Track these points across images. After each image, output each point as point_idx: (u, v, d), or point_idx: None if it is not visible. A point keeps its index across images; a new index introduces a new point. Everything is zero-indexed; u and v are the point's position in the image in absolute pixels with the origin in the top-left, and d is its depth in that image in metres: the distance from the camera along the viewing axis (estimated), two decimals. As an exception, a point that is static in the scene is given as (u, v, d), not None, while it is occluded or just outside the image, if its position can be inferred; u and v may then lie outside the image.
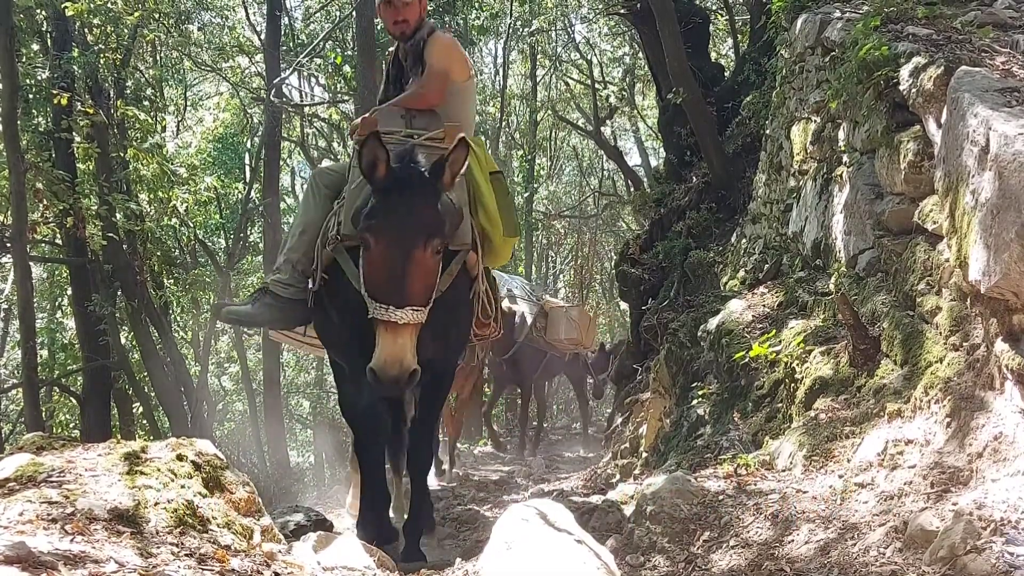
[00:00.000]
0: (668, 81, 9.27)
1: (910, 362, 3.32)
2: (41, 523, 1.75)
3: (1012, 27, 4.01)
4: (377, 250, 2.97)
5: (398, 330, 2.88)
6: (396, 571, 2.76)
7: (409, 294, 2.93)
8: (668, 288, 8.70)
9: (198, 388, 12.85)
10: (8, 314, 14.02)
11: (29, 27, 10.23)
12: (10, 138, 8.15)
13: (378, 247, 2.97)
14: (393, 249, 2.94)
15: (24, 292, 8.57)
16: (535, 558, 2.17)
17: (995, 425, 2.52)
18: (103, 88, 10.89)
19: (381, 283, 2.95)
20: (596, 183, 23.86)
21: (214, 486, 2.28)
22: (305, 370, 20.04)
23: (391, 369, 2.85)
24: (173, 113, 16.16)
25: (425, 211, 3.02)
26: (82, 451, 2.24)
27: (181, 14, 13.14)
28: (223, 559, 1.91)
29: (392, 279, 2.93)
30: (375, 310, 2.91)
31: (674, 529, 2.93)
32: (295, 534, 3.45)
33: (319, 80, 16.41)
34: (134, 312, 11.33)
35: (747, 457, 3.62)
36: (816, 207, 5.15)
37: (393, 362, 2.85)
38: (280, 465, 11.95)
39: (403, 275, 2.93)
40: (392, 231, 2.96)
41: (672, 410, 6.30)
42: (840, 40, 4.79)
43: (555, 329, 9.79)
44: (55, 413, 13.71)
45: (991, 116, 2.60)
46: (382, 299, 2.91)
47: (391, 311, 2.88)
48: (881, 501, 2.64)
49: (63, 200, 9.54)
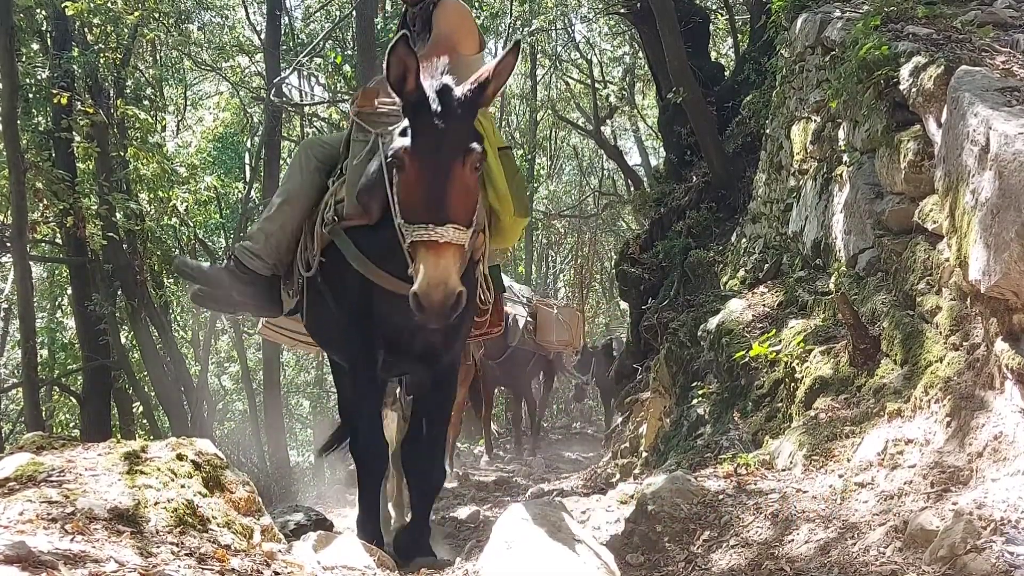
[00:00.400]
0: (668, 80, 9.27)
1: (910, 362, 3.32)
2: (41, 522, 1.75)
3: (1012, 26, 4.00)
4: (413, 167, 2.74)
5: (440, 250, 2.64)
6: (396, 570, 2.76)
7: (450, 210, 2.68)
8: (668, 288, 8.69)
9: (198, 388, 12.86)
10: (8, 313, 14.02)
11: (29, 26, 10.22)
12: (10, 138, 8.14)
13: (414, 164, 2.73)
14: (430, 164, 2.71)
15: (24, 291, 8.57)
16: (535, 558, 2.17)
17: (995, 425, 2.52)
18: (103, 87, 10.89)
19: (419, 201, 2.71)
20: (596, 182, 23.87)
21: (214, 486, 2.28)
22: (305, 369, 20.05)
23: (436, 292, 2.59)
24: (173, 112, 16.17)
25: (462, 125, 2.79)
26: (82, 451, 2.24)
27: (181, 13, 13.15)
28: (223, 558, 1.91)
29: (431, 195, 2.69)
30: (413, 233, 2.67)
31: (674, 528, 2.93)
32: (295, 533, 3.45)
33: (319, 80, 16.42)
34: (134, 311, 11.34)
35: (747, 457, 3.62)
36: (816, 206, 5.15)
37: (437, 284, 2.59)
38: (280, 465, 11.94)
39: (442, 190, 2.69)
40: (428, 145, 2.73)
41: (672, 409, 6.30)
42: (840, 39, 4.79)
43: (546, 330, 9.78)
44: (55, 413, 13.71)
45: (991, 115, 2.60)
46: (421, 218, 2.67)
47: (431, 229, 2.64)
48: (881, 501, 2.64)
49: (63, 199, 9.54)
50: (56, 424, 13.51)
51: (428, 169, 2.71)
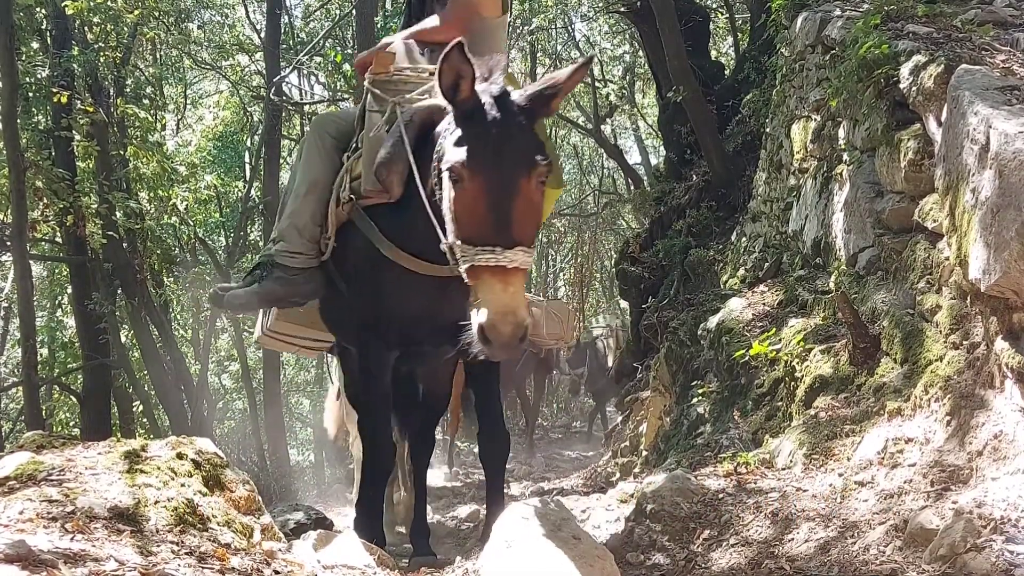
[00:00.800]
0: (668, 79, 9.27)
1: (910, 360, 3.32)
2: (41, 521, 1.75)
3: (1012, 25, 4.00)
4: (475, 184, 2.45)
5: (508, 276, 2.37)
6: (396, 570, 2.76)
7: (517, 231, 2.43)
8: (668, 286, 8.69)
9: (198, 386, 12.86)
10: (8, 312, 14.01)
11: (29, 25, 10.22)
12: (10, 136, 8.14)
13: (476, 180, 2.44)
14: (495, 180, 2.44)
15: (24, 290, 8.58)
16: (535, 557, 2.17)
17: (995, 423, 2.52)
18: (103, 86, 10.88)
19: (483, 221, 2.42)
20: (596, 181, 23.85)
21: (214, 484, 2.28)
22: (305, 369, 20.05)
23: (505, 325, 2.32)
24: (173, 111, 16.16)
25: (526, 135, 2.56)
26: (82, 449, 2.24)
27: (181, 12, 13.15)
28: (223, 557, 1.91)
29: (498, 215, 2.41)
30: (475, 257, 2.40)
31: (674, 527, 2.93)
32: (295, 532, 3.45)
33: (319, 78, 16.42)
34: (134, 310, 11.34)
35: (747, 455, 3.62)
36: (816, 205, 5.15)
37: (507, 315, 2.33)
38: (280, 463, 11.95)
39: (509, 209, 2.43)
40: (492, 159, 2.46)
41: (672, 408, 6.30)
42: (840, 38, 4.78)
43: (538, 325, 9.74)
44: (55, 411, 13.71)
45: (991, 114, 2.60)
46: (486, 240, 2.39)
47: (499, 253, 2.37)
48: (881, 499, 2.64)
49: (63, 198, 9.55)
50: (56, 423, 13.51)
51: (493, 186, 2.44)
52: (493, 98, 2.53)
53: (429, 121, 2.93)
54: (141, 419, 13.22)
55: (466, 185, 2.46)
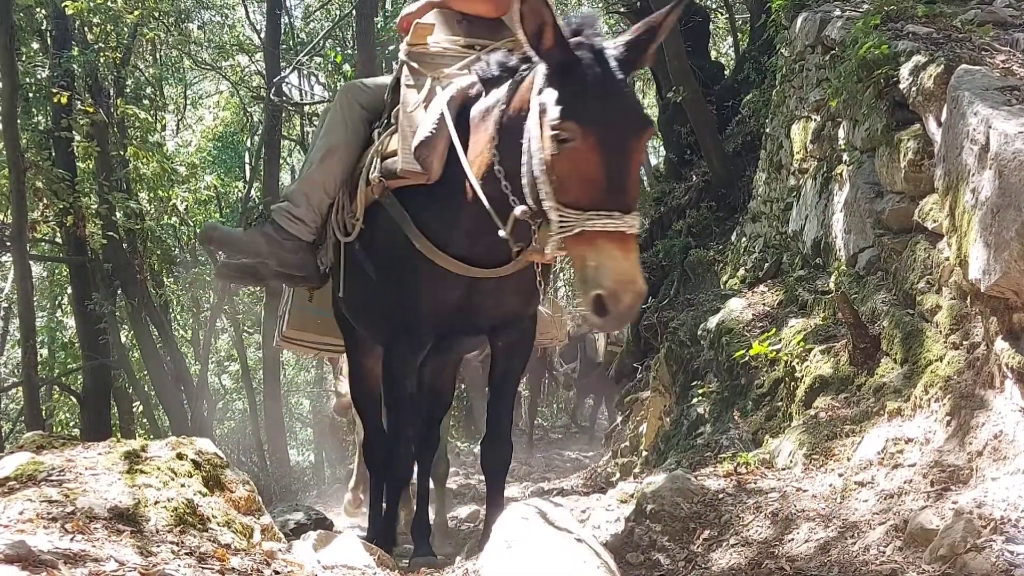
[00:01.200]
0: (668, 79, 9.27)
1: (910, 361, 3.32)
2: (41, 522, 1.75)
3: (1012, 25, 4.00)
4: (588, 143, 2.23)
5: (627, 242, 2.20)
6: (396, 570, 2.76)
7: (631, 196, 2.27)
8: (668, 287, 8.70)
9: (198, 387, 12.88)
10: (8, 313, 14.02)
11: (29, 26, 10.23)
12: (10, 137, 8.15)
13: (589, 140, 2.23)
14: (612, 140, 2.25)
15: (24, 291, 8.58)
16: (535, 557, 2.16)
17: (995, 424, 2.52)
18: (103, 87, 10.90)
19: (599, 184, 2.24)
20: (596, 181, 23.78)
21: (214, 485, 2.28)
22: (305, 369, 20.05)
23: (627, 294, 2.16)
24: (173, 112, 16.18)
25: (631, 93, 2.39)
26: (82, 450, 2.24)
27: (181, 13, 13.16)
28: (223, 558, 1.91)
29: (615, 177, 2.24)
30: (587, 222, 2.20)
31: (674, 528, 2.92)
32: (295, 533, 3.45)
33: (319, 79, 16.44)
34: (134, 311, 11.36)
35: (747, 456, 3.62)
36: (816, 206, 5.15)
37: (629, 284, 2.17)
38: (280, 464, 11.96)
39: (625, 171, 2.26)
40: (608, 117, 2.27)
41: (672, 409, 6.30)
42: (840, 38, 4.78)
43: (544, 324, 9.72)
44: (55, 412, 13.72)
45: (991, 115, 2.60)
46: (601, 204, 2.21)
47: (619, 218, 2.19)
48: (881, 500, 2.64)
49: (63, 199, 9.55)
50: (56, 423, 13.52)
51: (609, 146, 2.24)
52: (592, 50, 2.34)
53: (468, 99, 2.80)
54: (141, 419, 13.23)
55: (578, 144, 2.24)
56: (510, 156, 2.50)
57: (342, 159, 3.12)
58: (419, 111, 2.87)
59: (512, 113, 2.54)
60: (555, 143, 2.26)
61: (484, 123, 2.70)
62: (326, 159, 3.13)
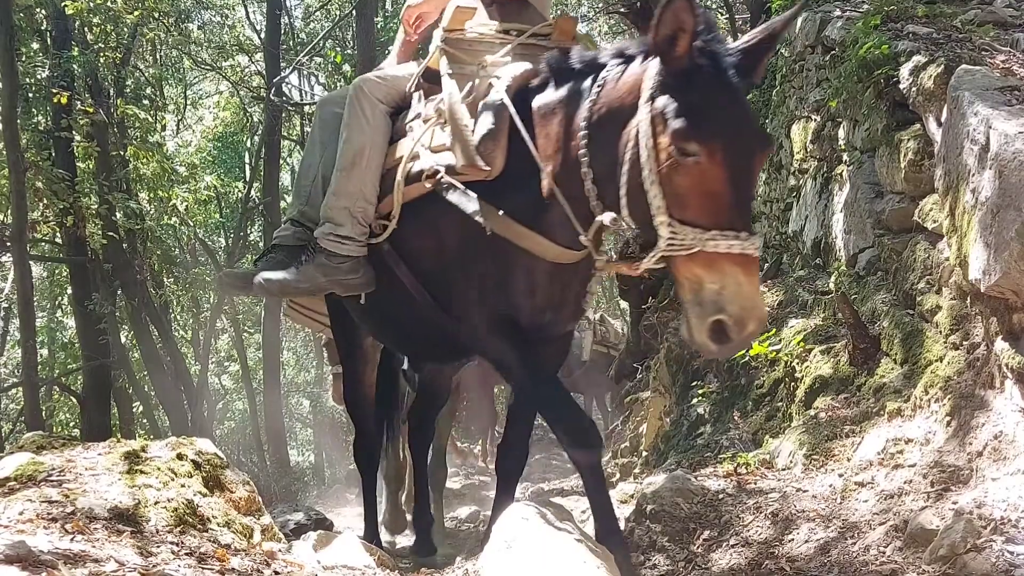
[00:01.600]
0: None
1: (910, 361, 3.32)
2: (41, 522, 1.75)
3: (1012, 25, 4.01)
4: (715, 160, 2.08)
5: (751, 266, 2.06)
6: (396, 570, 2.76)
7: (750, 217, 2.15)
8: (668, 287, 8.69)
9: (198, 387, 12.88)
10: (8, 313, 14.03)
11: (29, 26, 10.24)
12: (10, 137, 8.15)
13: (716, 156, 2.08)
14: (737, 157, 2.10)
15: (24, 291, 8.58)
16: (535, 558, 2.16)
17: (995, 424, 2.52)
18: (103, 87, 10.91)
19: (723, 203, 2.08)
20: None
21: (214, 485, 2.28)
22: (305, 369, 20.06)
23: (752, 321, 2.02)
24: (173, 112, 16.18)
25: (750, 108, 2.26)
26: (82, 450, 2.25)
27: (181, 13, 13.16)
28: (223, 558, 1.91)
29: (739, 196, 2.10)
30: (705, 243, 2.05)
31: (674, 528, 2.92)
32: (295, 533, 3.46)
33: (319, 79, 16.43)
34: (134, 311, 11.36)
35: (747, 456, 3.62)
36: (816, 206, 5.15)
37: (754, 311, 2.03)
38: (280, 464, 11.97)
39: (749, 190, 2.14)
40: (734, 133, 2.12)
41: (672, 409, 6.30)
42: (840, 39, 4.79)
43: None
44: (55, 412, 13.73)
45: (991, 115, 2.60)
46: (726, 224, 2.05)
47: (745, 239, 2.04)
48: (881, 500, 2.64)
49: (63, 199, 9.55)
50: (56, 424, 13.53)
51: (734, 164, 2.09)
52: (713, 57, 2.17)
53: (526, 90, 2.65)
54: (141, 420, 13.24)
55: (703, 160, 2.08)
56: (601, 158, 2.34)
57: (372, 161, 2.90)
58: (465, 103, 2.68)
59: (605, 113, 2.36)
60: (674, 156, 2.10)
61: (556, 117, 2.53)
62: (356, 163, 2.89)
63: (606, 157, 2.31)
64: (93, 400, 11.01)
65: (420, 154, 2.75)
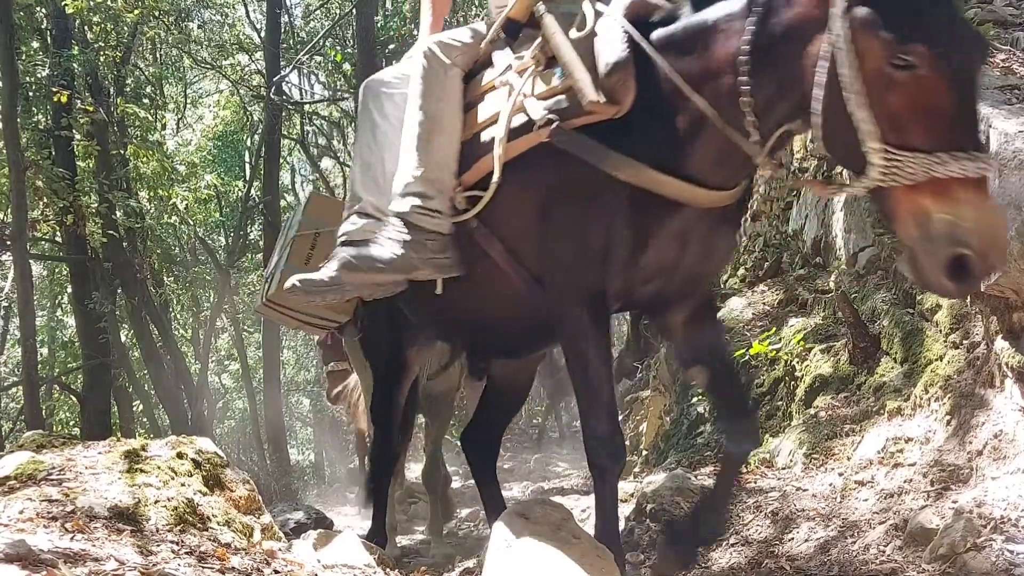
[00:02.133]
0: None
1: (910, 360, 3.32)
2: (41, 521, 1.75)
3: (1012, 24, 4.00)
4: (940, 69, 1.81)
5: (986, 189, 1.80)
6: (396, 570, 2.76)
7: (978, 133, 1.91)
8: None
9: (198, 386, 12.88)
10: (8, 312, 14.03)
11: (29, 25, 10.23)
12: (10, 136, 8.14)
13: (941, 65, 1.81)
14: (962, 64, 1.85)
15: (24, 290, 8.58)
16: (535, 557, 2.16)
17: (995, 423, 2.52)
18: (103, 86, 10.90)
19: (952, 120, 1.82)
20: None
21: (214, 484, 2.28)
22: (305, 367, 20.06)
23: (995, 251, 1.76)
24: (173, 111, 16.15)
25: None
26: (82, 449, 2.25)
27: (181, 11, 13.14)
28: (223, 557, 1.91)
29: (968, 110, 1.86)
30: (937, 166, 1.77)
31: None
32: (295, 532, 3.46)
33: (319, 78, 16.42)
34: (134, 310, 11.36)
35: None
36: (816, 205, 5.15)
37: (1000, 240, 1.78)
38: (280, 463, 11.96)
39: (975, 104, 1.89)
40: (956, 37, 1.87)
41: (672, 408, 6.30)
42: (840, 38, 4.78)
43: None
44: (55, 411, 13.73)
45: (991, 114, 2.60)
46: (956, 144, 1.79)
47: (984, 160, 1.79)
48: (881, 499, 2.64)
49: (63, 198, 9.55)
50: (56, 422, 13.53)
51: (960, 73, 1.84)
52: None
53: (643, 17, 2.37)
54: (141, 419, 13.25)
55: (925, 71, 1.81)
56: (768, 86, 2.08)
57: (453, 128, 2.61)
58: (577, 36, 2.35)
59: (780, 32, 2.06)
60: (887, 71, 1.83)
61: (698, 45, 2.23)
62: (435, 133, 2.59)
63: (777, 84, 2.07)
64: (93, 399, 11.01)
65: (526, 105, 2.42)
